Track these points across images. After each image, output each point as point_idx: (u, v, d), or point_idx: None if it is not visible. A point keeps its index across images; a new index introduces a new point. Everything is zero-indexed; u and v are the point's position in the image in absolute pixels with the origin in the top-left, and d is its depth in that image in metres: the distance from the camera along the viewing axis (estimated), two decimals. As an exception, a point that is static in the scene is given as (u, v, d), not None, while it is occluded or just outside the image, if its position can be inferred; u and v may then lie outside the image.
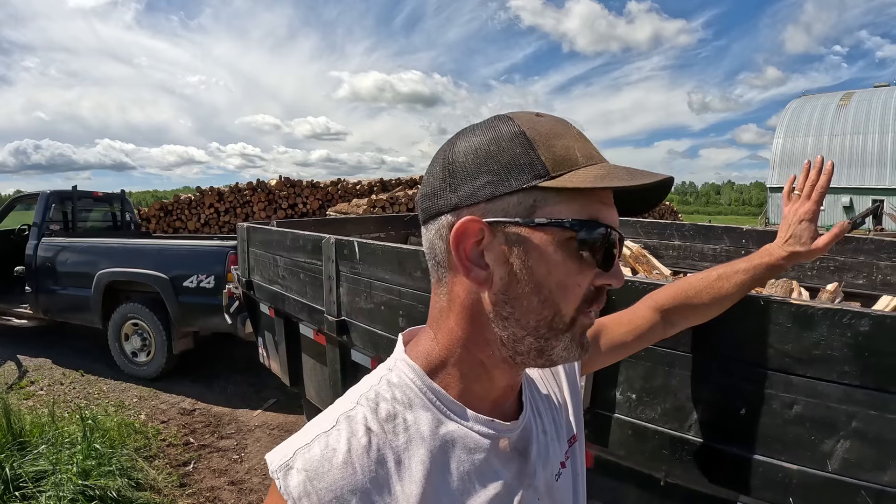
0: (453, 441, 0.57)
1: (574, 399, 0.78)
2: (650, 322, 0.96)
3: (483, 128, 0.57)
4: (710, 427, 1.12)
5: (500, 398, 0.62)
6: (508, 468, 0.60)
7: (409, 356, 0.60)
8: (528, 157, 0.54)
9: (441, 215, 0.57)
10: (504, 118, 0.57)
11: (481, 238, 0.54)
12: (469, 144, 0.56)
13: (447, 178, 0.56)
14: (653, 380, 1.20)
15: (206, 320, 4.89)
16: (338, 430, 0.53)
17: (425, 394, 0.57)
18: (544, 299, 0.55)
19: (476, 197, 0.54)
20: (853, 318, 0.94)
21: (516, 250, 0.54)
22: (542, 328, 0.56)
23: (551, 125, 0.56)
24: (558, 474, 0.67)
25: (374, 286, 2.05)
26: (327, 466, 0.50)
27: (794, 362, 1.00)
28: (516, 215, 0.53)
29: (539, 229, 0.53)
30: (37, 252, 5.88)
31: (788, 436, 1.01)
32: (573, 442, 0.74)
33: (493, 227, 0.54)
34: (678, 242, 3.21)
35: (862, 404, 0.94)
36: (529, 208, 0.53)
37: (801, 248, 1.03)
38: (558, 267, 0.54)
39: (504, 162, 0.54)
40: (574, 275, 0.55)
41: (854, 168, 32.82)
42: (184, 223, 11.30)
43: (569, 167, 0.54)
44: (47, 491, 2.92)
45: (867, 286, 2.59)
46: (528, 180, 0.53)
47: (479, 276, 0.55)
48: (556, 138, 0.55)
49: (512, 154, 0.54)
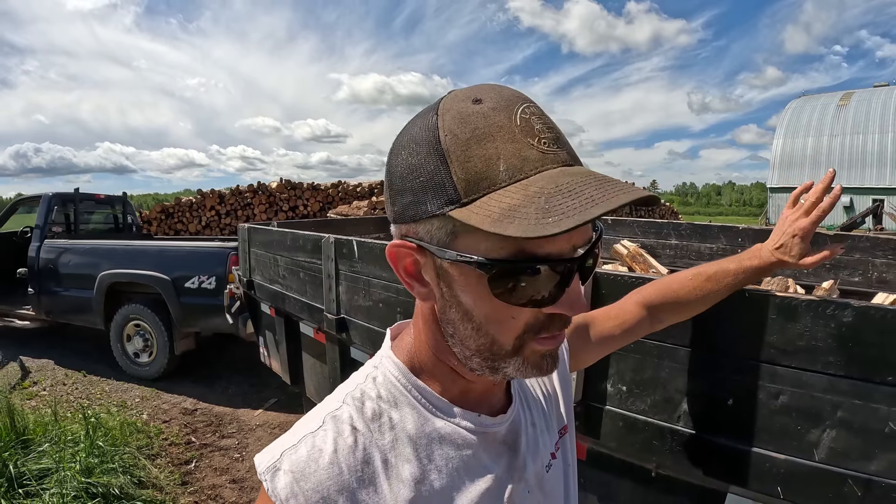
0: (440, 438, 0.56)
1: (564, 390, 0.77)
2: (637, 317, 0.97)
3: (415, 125, 0.51)
4: (698, 418, 1.14)
5: (486, 393, 0.62)
6: (498, 462, 0.60)
7: (394, 353, 0.60)
8: (440, 175, 0.47)
9: (392, 224, 0.55)
10: (433, 108, 0.51)
11: (412, 258, 0.53)
12: (401, 150, 0.51)
13: (386, 189, 0.54)
14: (642, 372, 1.22)
15: (208, 321, 4.91)
16: (324, 430, 0.53)
17: (410, 392, 0.57)
18: (476, 328, 0.51)
19: (404, 216, 0.51)
20: (836, 310, 0.96)
21: (443, 277, 0.51)
22: (484, 352, 0.53)
23: (480, 119, 0.47)
24: (548, 466, 0.67)
25: (373, 284, 2.07)
26: (314, 467, 0.50)
27: (780, 353, 1.02)
28: (437, 243, 0.49)
29: (450, 261, 0.49)
30: (39, 254, 5.90)
31: (775, 426, 1.03)
32: (563, 433, 0.73)
33: (421, 249, 0.51)
34: (675, 242, 3.22)
35: (847, 394, 0.96)
36: (449, 234, 0.48)
37: (789, 259, 1.04)
38: (484, 301, 0.49)
39: (422, 180, 0.48)
40: (504, 309, 0.49)
41: (854, 168, 32.77)
42: (185, 225, 11.33)
43: (485, 188, 0.46)
44: (51, 488, 2.95)
45: (863, 284, 2.60)
46: (440, 205, 0.47)
47: (421, 293, 0.54)
48: (479, 144, 0.47)
49: (428, 169, 0.48)
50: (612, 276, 1.25)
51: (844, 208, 31.50)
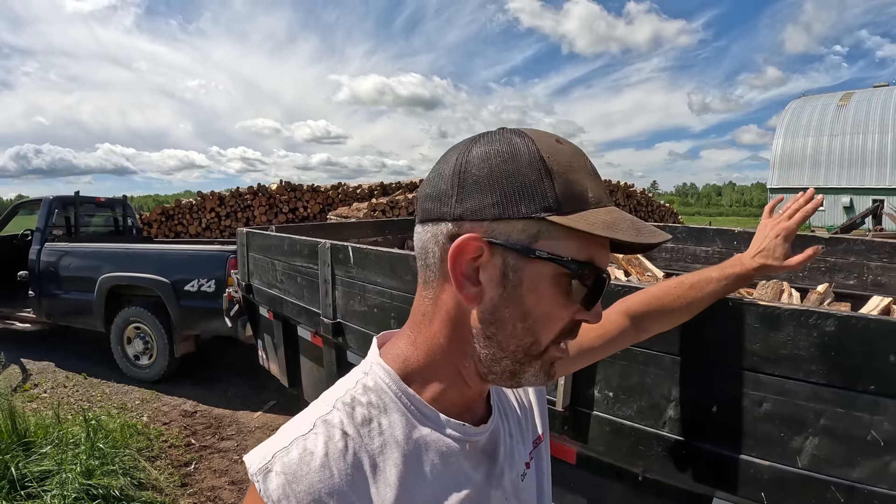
0: (426, 445, 0.58)
1: (540, 401, 0.80)
2: (620, 327, 0.99)
3: (501, 141, 0.56)
4: (683, 424, 1.16)
5: (471, 403, 0.64)
6: (478, 470, 0.62)
7: (384, 360, 0.61)
8: (542, 186, 0.53)
9: (442, 221, 0.56)
10: (524, 136, 0.56)
11: (479, 255, 0.55)
12: (485, 156, 0.55)
13: (456, 186, 0.56)
14: (629, 378, 1.24)
15: (207, 324, 4.93)
16: (315, 433, 0.54)
17: (400, 398, 0.59)
18: (528, 327, 0.56)
19: (482, 214, 0.54)
20: (819, 319, 0.98)
21: (511, 276, 0.55)
22: (520, 353, 0.57)
23: (570, 157, 0.56)
24: (523, 475, 0.69)
25: (368, 289, 2.09)
26: (305, 470, 0.52)
27: (763, 361, 1.03)
28: (518, 242, 0.54)
29: (537, 260, 0.54)
30: (40, 257, 5.93)
31: (759, 433, 1.04)
32: (538, 443, 0.76)
33: (492, 248, 0.54)
34: (671, 245, 3.24)
35: (829, 402, 0.97)
36: (533, 237, 0.54)
37: (772, 262, 1.05)
38: (547, 299, 0.55)
39: (517, 184, 0.53)
40: (559, 308, 0.56)
41: (854, 168, 32.77)
42: (185, 227, 11.34)
43: (579, 206, 0.54)
44: (52, 490, 2.98)
45: (858, 287, 2.61)
46: (537, 210, 0.53)
47: (471, 293, 0.56)
48: (574, 172, 0.55)
49: (527, 178, 0.54)
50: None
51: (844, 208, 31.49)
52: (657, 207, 17.15)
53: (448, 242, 0.56)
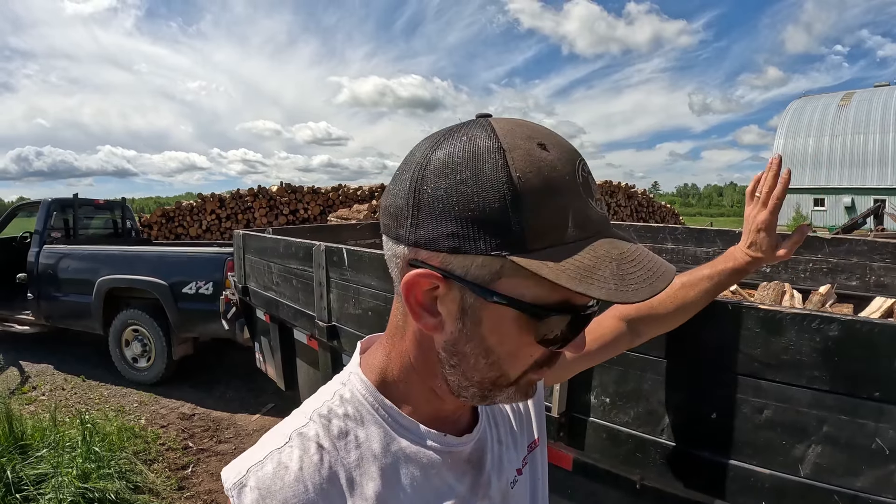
0: (406, 458, 0.57)
1: (536, 405, 0.78)
2: (615, 333, 0.96)
3: (465, 150, 0.48)
4: (682, 431, 1.13)
5: (453, 413, 0.62)
6: (462, 482, 0.60)
7: (362, 370, 0.60)
8: (506, 218, 0.46)
9: (399, 243, 0.51)
10: (495, 140, 0.48)
11: (436, 287, 0.50)
12: (444, 170, 0.48)
13: (412, 207, 0.49)
14: (625, 384, 1.21)
15: (205, 326, 4.92)
16: (290, 446, 0.53)
17: (377, 410, 0.57)
18: (491, 363, 0.52)
19: (438, 245, 0.48)
20: (822, 324, 0.95)
21: (469, 313, 0.50)
22: (487, 384, 0.54)
23: (550, 171, 0.47)
24: (513, 482, 0.67)
25: (362, 292, 2.07)
26: (279, 484, 0.51)
27: (764, 367, 1.00)
28: (477, 278, 0.48)
29: (492, 301, 0.48)
30: (38, 259, 5.92)
31: (759, 440, 1.02)
32: (533, 447, 0.74)
33: (448, 282, 0.49)
34: (671, 246, 3.21)
35: (832, 409, 0.95)
36: (494, 274, 0.47)
37: (762, 255, 1.02)
38: (512, 339, 0.51)
39: (477, 213, 0.46)
40: (529, 347, 0.51)
41: (855, 168, 32.74)
42: (186, 230, 11.34)
43: (551, 241, 0.46)
44: (48, 493, 2.97)
45: (860, 288, 2.58)
46: (498, 246, 0.46)
47: (430, 323, 0.52)
48: (552, 195, 0.46)
49: (489, 207, 0.46)
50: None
51: (846, 208, 31.45)
52: (658, 208, 17.12)
53: (405, 268, 0.51)
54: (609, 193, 15.59)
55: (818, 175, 33.96)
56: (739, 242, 1.05)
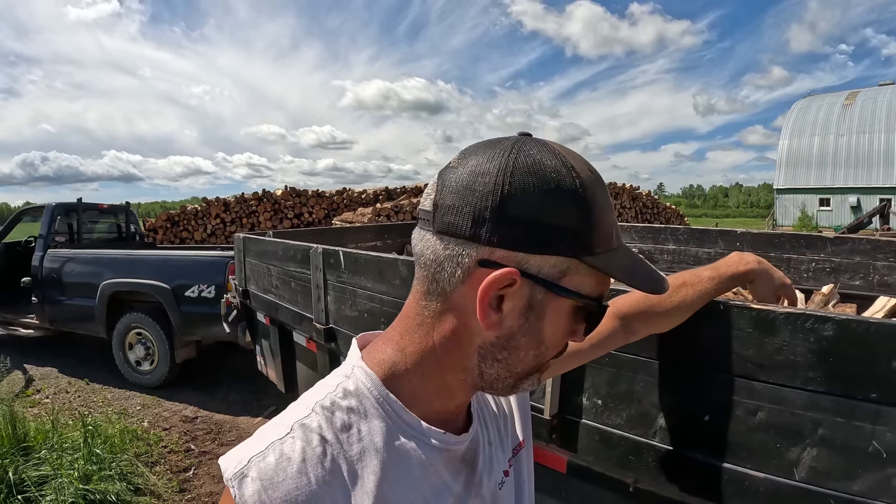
0: (406, 453, 0.57)
1: (521, 407, 0.78)
2: (608, 330, 0.96)
3: (550, 165, 0.53)
4: (675, 433, 1.11)
5: (454, 412, 0.64)
6: (457, 479, 0.61)
7: (367, 363, 0.59)
8: (581, 226, 0.53)
9: (472, 242, 0.53)
10: (569, 167, 0.54)
11: (509, 285, 0.53)
12: (529, 184, 0.52)
13: (496, 210, 0.52)
14: (617, 385, 1.19)
15: (208, 329, 4.93)
16: (292, 437, 0.53)
17: (381, 404, 0.57)
18: (539, 354, 0.58)
19: (520, 245, 0.52)
20: (816, 323, 0.93)
21: (535, 308, 0.55)
22: (525, 373, 0.59)
23: (601, 193, 0.56)
24: (501, 483, 0.68)
25: (359, 294, 2.06)
26: (282, 476, 0.50)
27: (757, 368, 0.99)
28: (548, 276, 0.53)
29: (562, 295, 0.54)
30: (43, 263, 5.96)
31: (753, 443, 1.00)
32: (518, 450, 0.74)
33: (523, 279, 0.53)
34: (673, 247, 3.19)
35: (828, 411, 0.93)
36: (562, 272, 0.54)
37: (768, 267, 1.07)
38: (562, 329, 0.57)
39: (558, 221, 0.52)
40: (566, 335, 0.59)
41: (860, 168, 32.53)
42: (190, 233, 11.36)
43: (606, 247, 0.55)
44: (49, 494, 2.98)
45: (864, 287, 2.56)
46: (573, 250, 0.53)
47: (492, 320, 0.54)
48: (605, 211, 0.55)
49: (567, 215, 0.52)
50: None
51: (852, 208, 31.28)
52: (663, 210, 17.06)
53: (476, 266, 0.53)
54: (614, 195, 15.55)
55: (823, 175, 33.77)
56: (747, 254, 1.09)
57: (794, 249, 2.65)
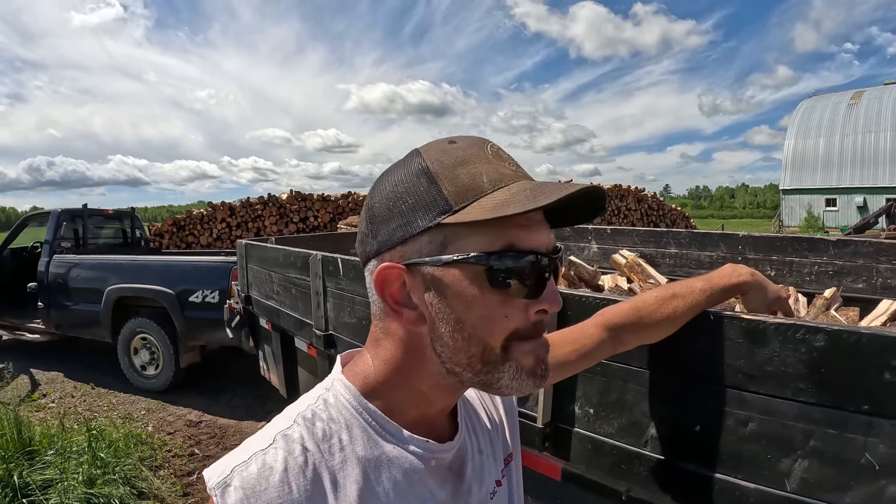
0: (388, 461, 0.57)
1: (510, 418, 0.78)
2: (597, 340, 0.96)
3: (397, 167, 0.58)
4: (666, 443, 1.11)
5: (435, 419, 0.64)
6: (443, 488, 0.61)
7: (345, 377, 0.61)
8: (432, 193, 0.53)
9: (369, 261, 0.58)
10: (415, 153, 0.57)
11: (404, 281, 0.55)
12: (383, 188, 0.57)
13: (369, 225, 0.58)
14: (609, 395, 1.19)
15: (212, 334, 4.96)
16: (275, 448, 0.54)
17: (361, 414, 0.58)
18: (468, 336, 0.54)
19: (391, 241, 0.55)
20: (807, 334, 0.92)
21: (433, 290, 0.54)
22: (476, 364, 0.55)
23: (460, 152, 0.55)
24: (493, 493, 0.68)
25: (357, 301, 2.07)
26: (264, 485, 0.51)
27: (747, 379, 0.98)
28: (428, 255, 0.53)
29: (450, 267, 0.53)
30: (48, 269, 6.00)
31: (745, 454, 0.99)
32: (509, 461, 0.74)
33: (411, 269, 0.54)
34: (674, 250, 3.18)
35: (819, 423, 0.92)
36: (440, 246, 0.53)
37: (762, 280, 1.07)
38: (477, 302, 0.53)
39: (411, 202, 0.54)
40: (497, 307, 0.54)
41: (867, 167, 32.33)
42: (196, 238, 11.40)
43: (473, 197, 0.52)
44: (53, 498, 3.00)
45: (867, 290, 2.54)
46: (432, 218, 0.53)
47: (411, 317, 0.56)
48: (462, 166, 0.54)
49: (417, 192, 0.54)
50: (576, 297, 1.22)
51: (858, 208, 31.10)
52: (669, 211, 17.01)
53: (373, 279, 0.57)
54: (619, 197, 15.51)
55: (829, 175, 33.58)
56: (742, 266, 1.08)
57: (796, 252, 2.63)
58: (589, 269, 2.61)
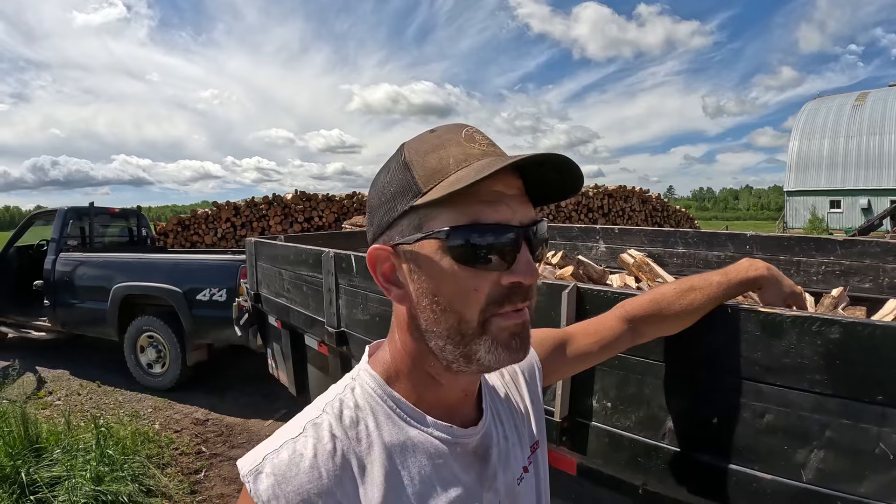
0: (414, 447, 0.60)
1: (535, 407, 0.80)
2: (617, 332, 0.97)
3: (389, 161, 0.63)
4: (683, 436, 1.12)
5: (457, 405, 0.66)
6: (468, 472, 0.63)
7: (370, 366, 0.64)
8: (407, 179, 0.58)
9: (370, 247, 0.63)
10: (400, 148, 0.62)
11: (388, 262, 0.60)
12: (376, 182, 0.63)
13: (367, 216, 0.64)
14: (626, 388, 1.20)
15: (219, 332, 4.97)
16: (305, 436, 0.56)
17: (385, 401, 0.61)
18: (443, 308, 0.57)
19: (381, 227, 0.60)
20: (823, 326, 0.94)
21: (412, 266, 0.58)
22: (454, 335, 0.57)
23: (435, 139, 0.60)
24: (520, 479, 0.70)
25: (370, 298, 2.09)
26: (295, 471, 0.53)
27: (764, 371, 1.00)
28: (407, 234, 0.58)
29: (422, 243, 0.56)
30: (55, 267, 6.02)
31: (761, 445, 1.01)
32: (535, 449, 0.76)
33: (395, 250, 0.59)
34: (682, 250, 3.19)
35: (835, 414, 0.94)
36: (416, 227, 0.57)
37: (777, 274, 1.08)
38: (447, 276, 0.56)
39: (393, 190, 0.59)
40: (467, 280, 0.55)
41: (871, 169, 32.25)
42: (201, 237, 11.41)
43: (439, 178, 0.56)
44: (61, 495, 3.02)
45: (874, 290, 2.55)
46: (407, 202, 0.57)
47: (398, 295, 0.60)
48: (433, 152, 0.58)
49: (398, 181, 0.59)
50: (594, 292, 1.24)
51: (862, 210, 31.01)
52: (673, 212, 16.99)
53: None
54: (623, 198, 15.49)
55: (834, 176, 33.52)
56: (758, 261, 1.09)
57: (803, 252, 2.64)
58: (597, 268, 2.62)
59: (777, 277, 1.09)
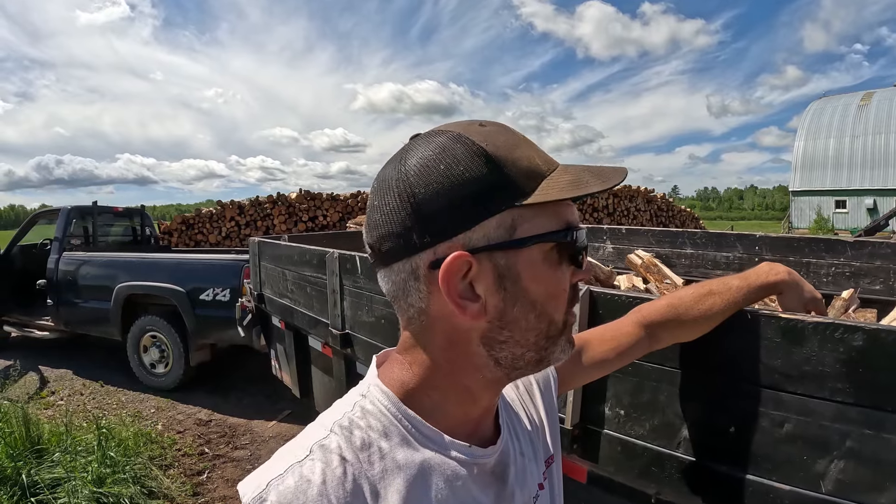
0: (430, 469, 0.55)
1: (550, 419, 0.77)
2: (634, 338, 0.95)
3: (434, 150, 0.53)
4: (698, 445, 1.09)
5: (478, 421, 0.62)
6: (486, 493, 0.59)
7: (382, 381, 0.58)
8: (497, 176, 0.52)
9: (414, 255, 0.53)
10: (454, 137, 0.54)
11: (468, 270, 0.52)
12: (425, 171, 0.52)
13: (413, 215, 0.52)
14: (640, 395, 1.17)
15: (222, 333, 4.95)
16: (312, 459, 0.51)
17: (400, 421, 0.56)
18: (539, 314, 0.55)
19: (453, 229, 0.51)
20: (846, 333, 0.91)
21: (507, 274, 0.53)
22: (542, 341, 0.56)
23: (504, 136, 0.55)
24: (536, 496, 0.67)
25: (375, 300, 2.06)
26: (302, 499, 0.49)
27: (784, 379, 0.97)
28: (499, 238, 0.52)
29: (524, 247, 0.52)
30: (58, 266, 6.02)
31: (779, 455, 0.98)
32: (550, 463, 0.73)
33: (478, 256, 0.52)
34: (690, 251, 3.16)
35: (856, 423, 0.91)
36: (510, 229, 0.52)
37: (799, 279, 1.06)
38: (548, 279, 0.54)
39: (473, 186, 0.51)
40: (560, 282, 0.56)
41: (877, 169, 32.12)
42: (205, 237, 11.42)
43: (537, 179, 0.53)
44: (62, 497, 3.00)
45: (884, 292, 2.51)
46: (505, 201, 0.52)
47: (474, 310, 0.53)
48: (515, 150, 0.54)
49: (480, 176, 0.51)
50: (609, 296, 1.21)
51: (868, 210, 30.89)
52: (678, 212, 16.94)
53: (429, 272, 0.52)
54: (628, 198, 15.46)
55: (839, 176, 33.39)
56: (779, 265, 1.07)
57: (813, 253, 2.61)
58: (605, 269, 2.59)
59: (798, 282, 1.06)
